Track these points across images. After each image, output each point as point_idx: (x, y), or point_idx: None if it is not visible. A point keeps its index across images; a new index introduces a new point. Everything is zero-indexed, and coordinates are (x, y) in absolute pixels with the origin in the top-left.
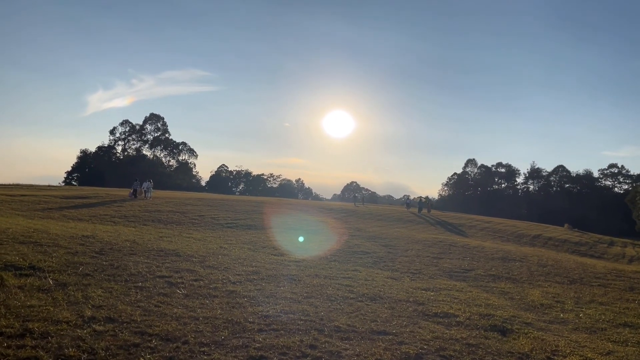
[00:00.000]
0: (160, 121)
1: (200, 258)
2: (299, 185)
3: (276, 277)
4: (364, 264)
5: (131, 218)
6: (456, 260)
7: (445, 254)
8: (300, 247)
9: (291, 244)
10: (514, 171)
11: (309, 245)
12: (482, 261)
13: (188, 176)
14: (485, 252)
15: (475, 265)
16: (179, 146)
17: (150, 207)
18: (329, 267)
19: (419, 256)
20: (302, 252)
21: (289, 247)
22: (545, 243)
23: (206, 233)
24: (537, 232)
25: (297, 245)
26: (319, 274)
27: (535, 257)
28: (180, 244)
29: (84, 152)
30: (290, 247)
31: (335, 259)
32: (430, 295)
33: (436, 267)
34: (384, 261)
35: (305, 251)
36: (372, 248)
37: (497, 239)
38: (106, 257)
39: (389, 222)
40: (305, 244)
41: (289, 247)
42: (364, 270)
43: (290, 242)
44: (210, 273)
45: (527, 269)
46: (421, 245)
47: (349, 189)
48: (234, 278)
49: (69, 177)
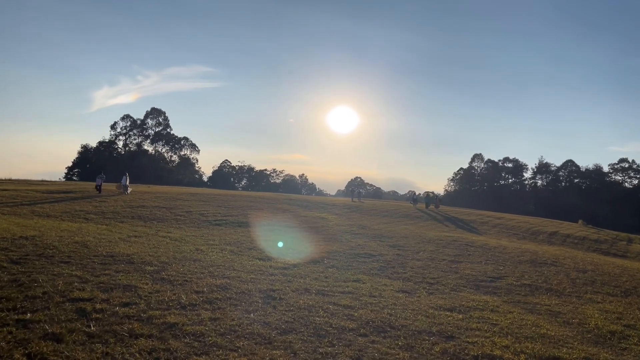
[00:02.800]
0: (161, 116)
1: (158, 266)
2: (302, 180)
3: (249, 295)
4: (368, 270)
5: (109, 215)
6: (478, 265)
7: (463, 256)
8: (293, 248)
9: (283, 245)
10: (522, 166)
11: (303, 246)
12: (508, 265)
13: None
14: (508, 253)
15: (502, 271)
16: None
17: (135, 202)
18: (324, 276)
19: (433, 259)
20: (294, 255)
21: (280, 249)
22: (564, 241)
23: (188, 231)
24: (553, 229)
25: (289, 246)
26: (309, 288)
27: (568, 260)
28: (144, 247)
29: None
30: (281, 249)
31: (333, 263)
32: (458, 320)
33: (456, 273)
34: (392, 266)
35: (298, 254)
36: (378, 249)
37: (513, 236)
38: (20, 268)
39: (395, 218)
40: (299, 244)
41: (280, 249)
42: (369, 280)
43: (282, 243)
44: (157, 291)
45: (566, 275)
46: (434, 245)
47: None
48: (188, 299)
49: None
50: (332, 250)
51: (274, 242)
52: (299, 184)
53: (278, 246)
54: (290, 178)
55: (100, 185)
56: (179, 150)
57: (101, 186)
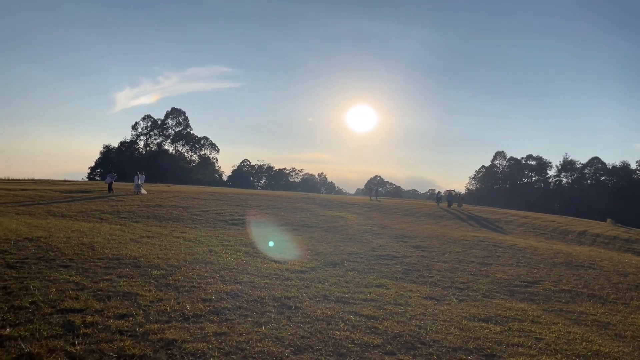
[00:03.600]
0: (181, 115)
1: (166, 270)
2: (321, 179)
3: (262, 304)
4: (391, 274)
5: (124, 214)
6: (509, 267)
7: (492, 258)
8: (311, 250)
9: (300, 246)
10: (545, 164)
11: (322, 247)
12: (542, 268)
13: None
14: (540, 254)
15: (537, 275)
16: (200, 141)
17: (152, 201)
18: (344, 280)
19: (460, 261)
20: (312, 256)
21: (297, 250)
22: (594, 241)
23: (203, 231)
24: (581, 228)
25: (307, 247)
26: (328, 295)
27: (605, 262)
28: (155, 248)
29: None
30: (299, 250)
31: (354, 266)
32: (497, 334)
33: (487, 277)
34: (417, 269)
35: (317, 255)
36: (401, 250)
37: (540, 236)
38: (14, 273)
39: (417, 217)
40: (318, 245)
41: (297, 250)
42: (393, 286)
43: (300, 244)
44: (159, 299)
45: (607, 279)
46: (460, 246)
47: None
48: (193, 308)
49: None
50: (352, 251)
51: (291, 242)
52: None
53: (295, 247)
54: (309, 177)
55: (111, 184)
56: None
57: (111, 185)
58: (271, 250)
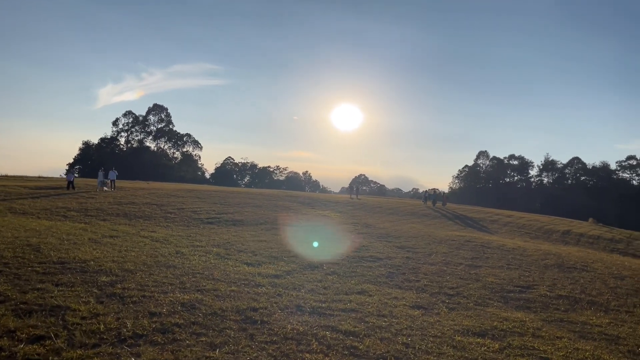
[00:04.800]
0: (163, 112)
1: (117, 276)
2: (306, 178)
3: (223, 318)
4: (375, 278)
5: (92, 212)
6: (500, 270)
7: (481, 260)
8: (289, 251)
9: (278, 247)
10: (527, 163)
11: (300, 248)
12: (534, 270)
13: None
14: (530, 255)
15: (530, 279)
16: (183, 138)
17: (126, 198)
18: (322, 286)
19: (448, 263)
20: (289, 258)
21: (275, 251)
22: (578, 240)
23: (175, 231)
24: (565, 228)
25: (285, 249)
26: (302, 305)
27: (598, 264)
28: (113, 250)
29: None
30: (276, 251)
31: (334, 269)
32: (496, 352)
33: (477, 281)
34: (402, 272)
35: (295, 257)
36: (386, 251)
37: (525, 235)
38: None
39: (401, 216)
40: (296, 246)
41: (275, 251)
42: (376, 292)
43: (278, 244)
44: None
45: (603, 283)
46: (446, 246)
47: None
48: (135, 326)
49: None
50: (333, 252)
51: (268, 243)
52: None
53: (272, 248)
54: (293, 175)
55: (72, 181)
56: (181, 147)
57: (72, 182)
58: (245, 251)
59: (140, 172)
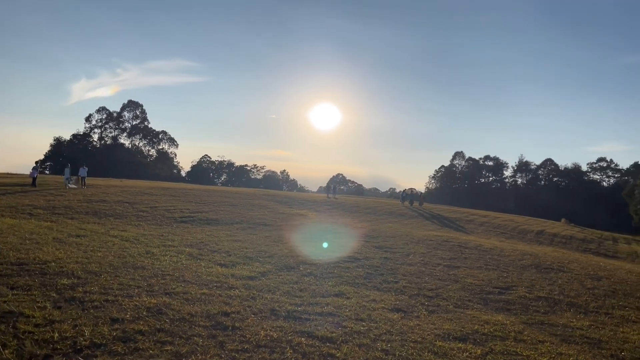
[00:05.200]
0: (138, 108)
1: (81, 278)
2: (283, 177)
3: (191, 324)
4: (352, 279)
5: (60, 210)
6: (478, 271)
7: (459, 260)
8: (265, 251)
9: (253, 247)
10: (502, 164)
11: (277, 248)
12: (512, 271)
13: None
14: (507, 256)
15: (508, 280)
16: (158, 135)
17: (97, 196)
18: (298, 288)
19: (426, 264)
20: (264, 259)
21: (250, 251)
22: (552, 240)
23: (147, 229)
24: (539, 228)
25: (261, 249)
26: (277, 308)
27: (574, 264)
28: (78, 250)
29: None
30: (251, 251)
31: (311, 270)
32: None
33: (456, 282)
34: (380, 273)
35: (270, 258)
36: (364, 251)
37: (501, 235)
38: None
39: (378, 215)
40: (273, 246)
41: (250, 251)
42: (354, 294)
43: (253, 244)
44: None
45: (580, 284)
46: (424, 246)
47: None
48: (94, 334)
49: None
50: (310, 252)
51: (243, 243)
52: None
53: (246, 248)
54: (271, 174)
55: (35, 178)
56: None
57: (35, 179)
58: (219, 251)
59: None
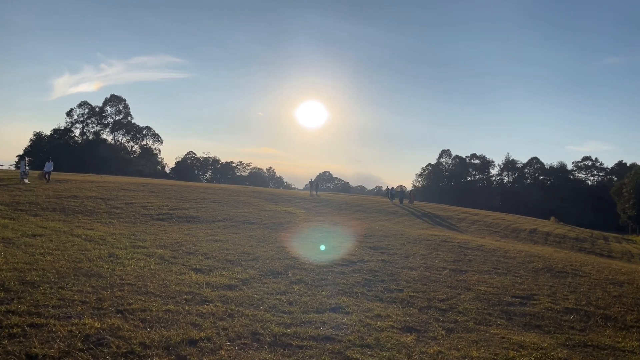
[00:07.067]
0: (121, 103)
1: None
2: (270, 174)
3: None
4: (349, 287)
5: (24, 206)
6: (488, 276)
7: (463, 263)
8: (248, 253)
9: (235, 249)
10: (489, 162)
11: (262, 249)
12: (525, 276)
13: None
14: (514, 258)
15: (524, 287)
16: (142, 131)
17: (69, 191)
18: (287, 300)
19: (430, 268)
20: (247, 262)
21: (231, 253)
22: (546, 240)
23: (118, 228)
24: (531, 227)
25: (243, 250)
26: (260, 332)
27: (588, 267)
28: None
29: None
30: (233, 253)
31: (301, 277)
32: None
33: (469, 290)
34: (381, 279)
35: (254, 261)
36: (358, 253)
37: (495, 234)
38: None
39: (369, 213)
40: (257, 247)
41: (231, 253)
42: (354, 308)
43: (235, 245)
44: None
45: (605, 291)
46: (423, 247)
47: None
48: None
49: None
50: (299, 254)
51: (224, 243)
52: (267, 177)
53: (227, 249)
54: (257, 171)
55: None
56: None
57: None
58: (196, 253)
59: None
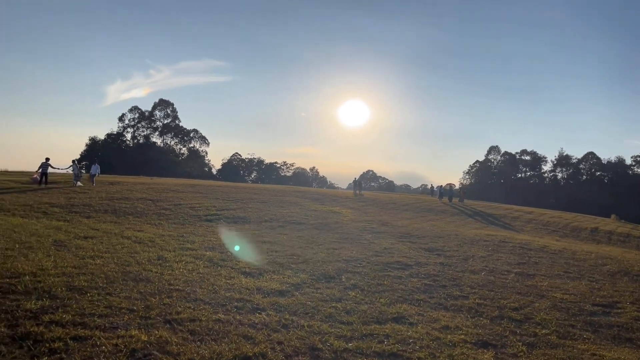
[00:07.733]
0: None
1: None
2: (313, 173)
3: None
4: (409, 293)
5: (78, 208)
6: (560, 280)
7: (529, 266)
8: (297, 255)
9: (284, 250)
10: (540, 158)
11: (312, 251)
12: (601, 281)
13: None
14: (583, 260)
15: (603, 293)
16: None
17: (121, 193)
18: (343, 309)
19: (493, 271)
20: (297, 265)
21: (280, 255)
22: (609, 239)
23: (166, 229)
24: (591, 225)
25: (292, 252)
26: (319, 347)
27: None
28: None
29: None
30: (281, 255)
31: (355, 281)
32: None
33: (542, 297)
34: (442, 284)
35: (305, 264)
36: (413, 255)
37: (553, 234)
38: None
39: (417, 212)
40: (307, 249)
41: (280, 255)
42: (418, 317)
43: (283, 247)
44: None
45: None
46: (481, 248)
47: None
48: None
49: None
50: (351, 257)
51: (273, 245)
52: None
53: (276, 251)
54: (300, 171)
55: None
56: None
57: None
58: (244, 256)
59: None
